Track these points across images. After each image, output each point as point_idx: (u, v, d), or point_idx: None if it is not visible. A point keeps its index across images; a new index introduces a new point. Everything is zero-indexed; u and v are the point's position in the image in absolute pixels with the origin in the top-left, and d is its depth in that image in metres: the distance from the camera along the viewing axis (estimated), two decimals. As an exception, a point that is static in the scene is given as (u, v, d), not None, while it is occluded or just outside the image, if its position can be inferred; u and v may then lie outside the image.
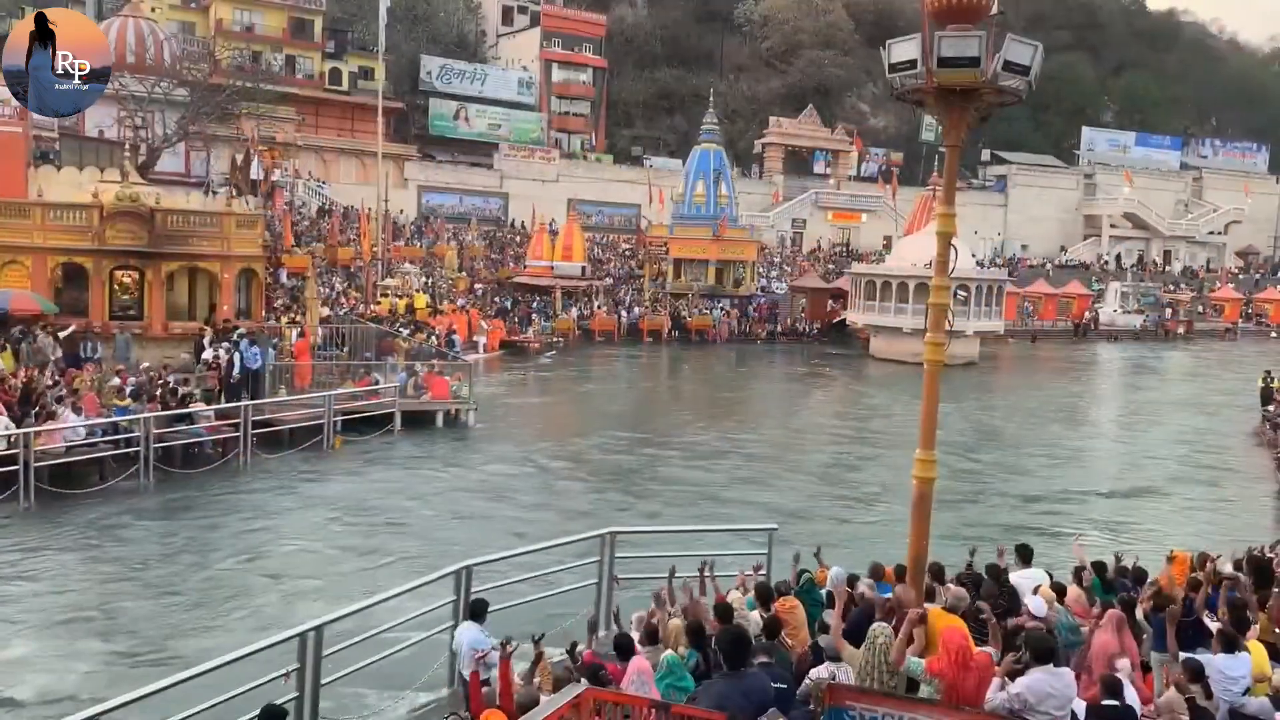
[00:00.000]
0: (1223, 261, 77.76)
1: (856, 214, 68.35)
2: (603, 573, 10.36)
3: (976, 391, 33.77)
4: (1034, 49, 6.81)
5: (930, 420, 7.57)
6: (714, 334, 45.41)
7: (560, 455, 21.58)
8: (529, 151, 60.99)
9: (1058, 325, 57.22)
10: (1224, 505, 19.55)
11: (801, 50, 76.19)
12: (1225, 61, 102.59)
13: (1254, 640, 7.69)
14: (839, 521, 17.07)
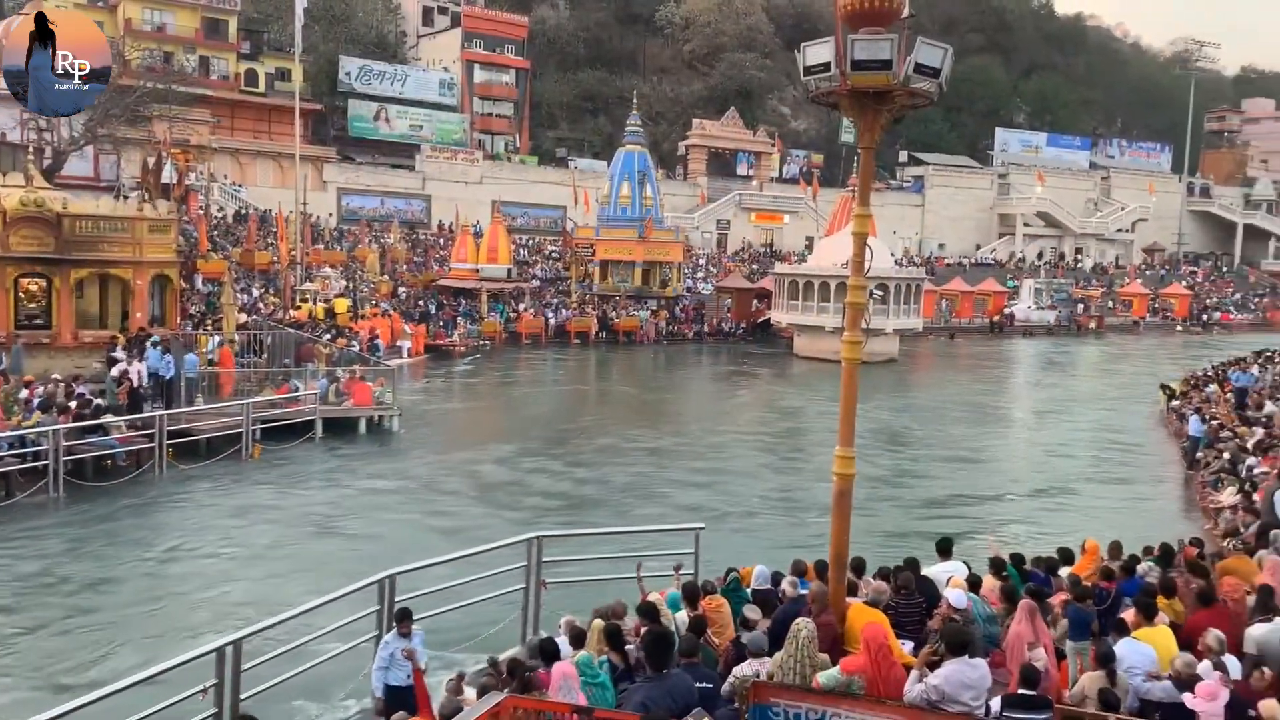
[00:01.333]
0: (1130, 258, 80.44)
1: (779, 215, 69.14)
2: (530, 577, 10.29)
3: (897, 388, 34.41)
4: (944, 52, 6.94)
5: (849, 418, 7.69)
6: (641, 335, 45.52)
7: (486, 460, 21.40)
8: (452, 153, 60.44)
9: (975, 322, 58.58)
10: (1134, 495, 20.17)
11: (723, 53, 76.84)
12: (1129, 65, 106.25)
13: (1162, 625, 7.95)
14: (765, 519, 17.22)
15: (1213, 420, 22.38)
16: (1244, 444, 19.42)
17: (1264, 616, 8.04)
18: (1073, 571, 9.40)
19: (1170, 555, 9.93)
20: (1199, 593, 8.42)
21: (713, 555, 11.13)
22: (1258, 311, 71.86)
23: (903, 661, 6.43)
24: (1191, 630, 7.87)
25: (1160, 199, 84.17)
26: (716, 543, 12.87)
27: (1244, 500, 14.92)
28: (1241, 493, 15.58)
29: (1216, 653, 7.17)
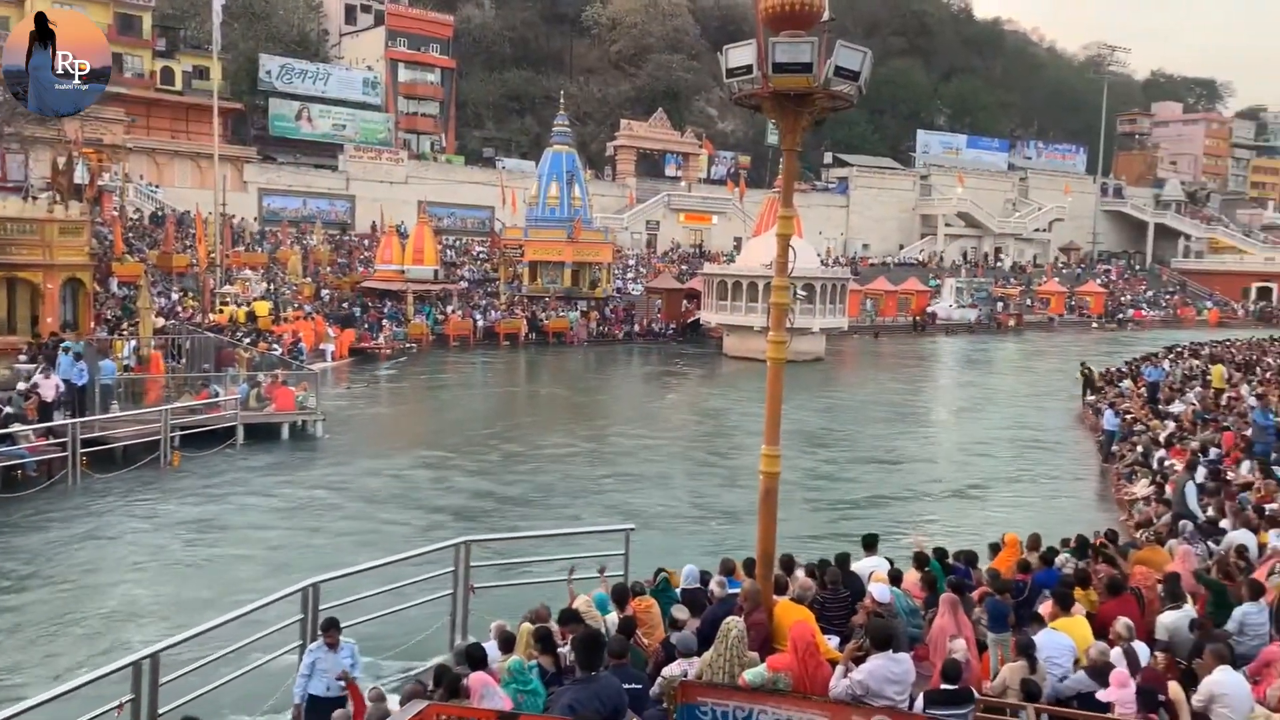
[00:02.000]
0: (1048, 257, 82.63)
1: (708, 215, 69.57)
2: (457, 583, 10.20)
3: (823, 387, 34.86)
4: (863, 55, 7.04)
5: (774, 417, 7.76)
6: (571, 336, 45.42)
7: (413, 465, 21.15)
8: (376, 153, 59.62)
9: (898, 321, 59.63)
10: (1053, 489, 20.71)
11: (650, 54, 77.08)
12: (1045, 68, 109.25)
13: (1079, 615, 8.18)
14: (694, 519, 17.31)
15: (1126, 415, 23.10)
16: (1156, 437, 20.08)
17: (1173, 604, 8.32)
18: (992, 565, 9.62)
19: (1086, 547, 10.22)
20: (1109, 582, 8.68)
21: (643, 556, 11.16)
22: (1168, 308, 74.37)
23: (829, 657, 6.51)
24: (1103, 619, 8.11)
25: (1075, 199, 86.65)
26: (646, 543, 12.90)
27: (1156, 492, 15.41)
28: (1154, 485, 16.09)
29: (1126, 640, 7.39)
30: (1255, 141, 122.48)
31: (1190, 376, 28.60)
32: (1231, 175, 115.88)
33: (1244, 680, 7.06)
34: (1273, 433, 18.14)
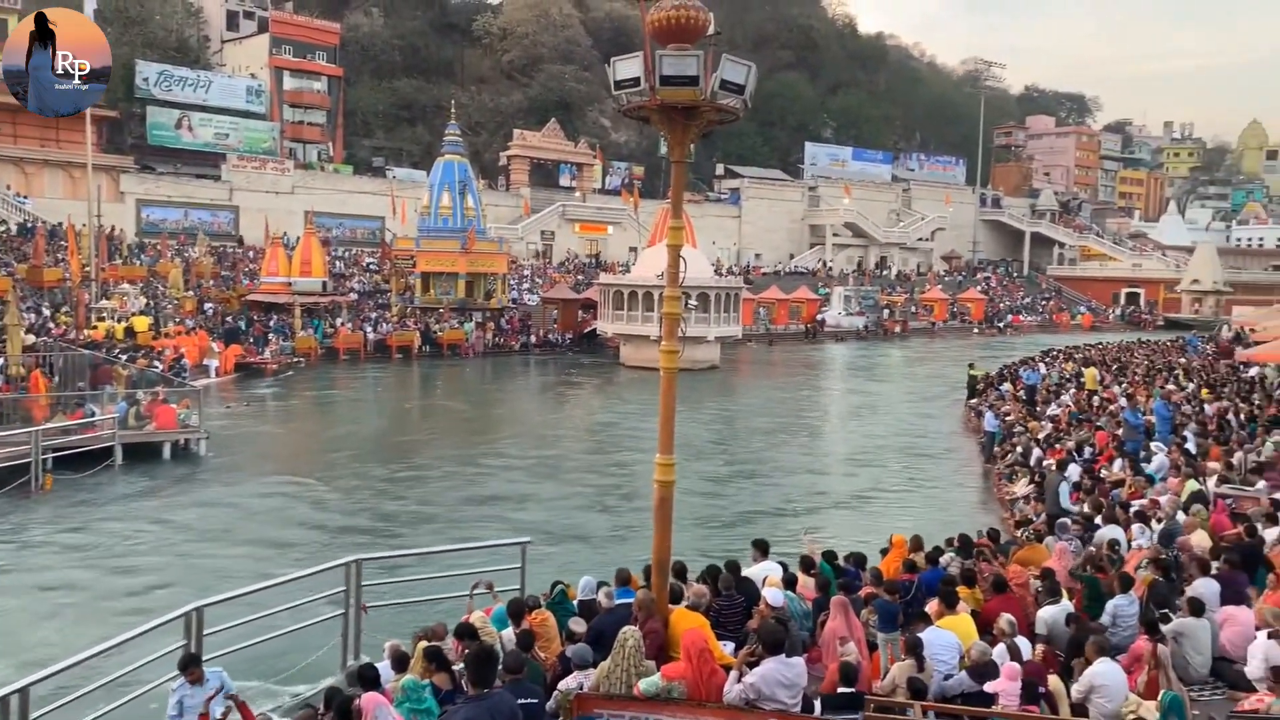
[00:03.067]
0: (931, 265, 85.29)
1: (603, 226, 69.77)
2: (349, 602, 9.95)
3: (718, 395, 35.27)
4: (748, 69, 7.16)
5: (668, 425, 7.81)
6: (466, 348, 44.91)
7: (302, 483, 20.60)
8: (261, 162, 58.01)
9: (790, 328, 60.75)
10: (939, 490, 21.35)
11: (542, 64, 76.99)
12: (926, 83, 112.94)
13: (963, 613, 8.44)
14: (591, 529, 17.29)
15: (1006, 417, 23.97)
16: (1035, 438, 20.89)
17: (1051, 599, 8.67)
18: (879, 565, 9.86)
19: (969, 545, 10.56)
20: (993, 580, 8.99)
21: (540, 569, 11.09)
22: (1044, 314, 77.54)
23: (723, 663, 6.58)
24: (987, 615, 8.39)
25: (956, 209, 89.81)
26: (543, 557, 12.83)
27: (1035, 491, 16.05)
28: (1033, 484, 16.75)
29: (1009, 635, 7.67)
30: (1122, 153, 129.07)
31: (1065, 379, 29.84)
32: (1101, 185, 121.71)
33: (1120, 670, 7.40)
34: (1142, 431, 19.09)
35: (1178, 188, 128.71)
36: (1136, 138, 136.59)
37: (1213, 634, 8.49)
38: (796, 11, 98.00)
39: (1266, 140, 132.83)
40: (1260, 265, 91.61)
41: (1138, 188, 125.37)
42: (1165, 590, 8.95)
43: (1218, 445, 17.25)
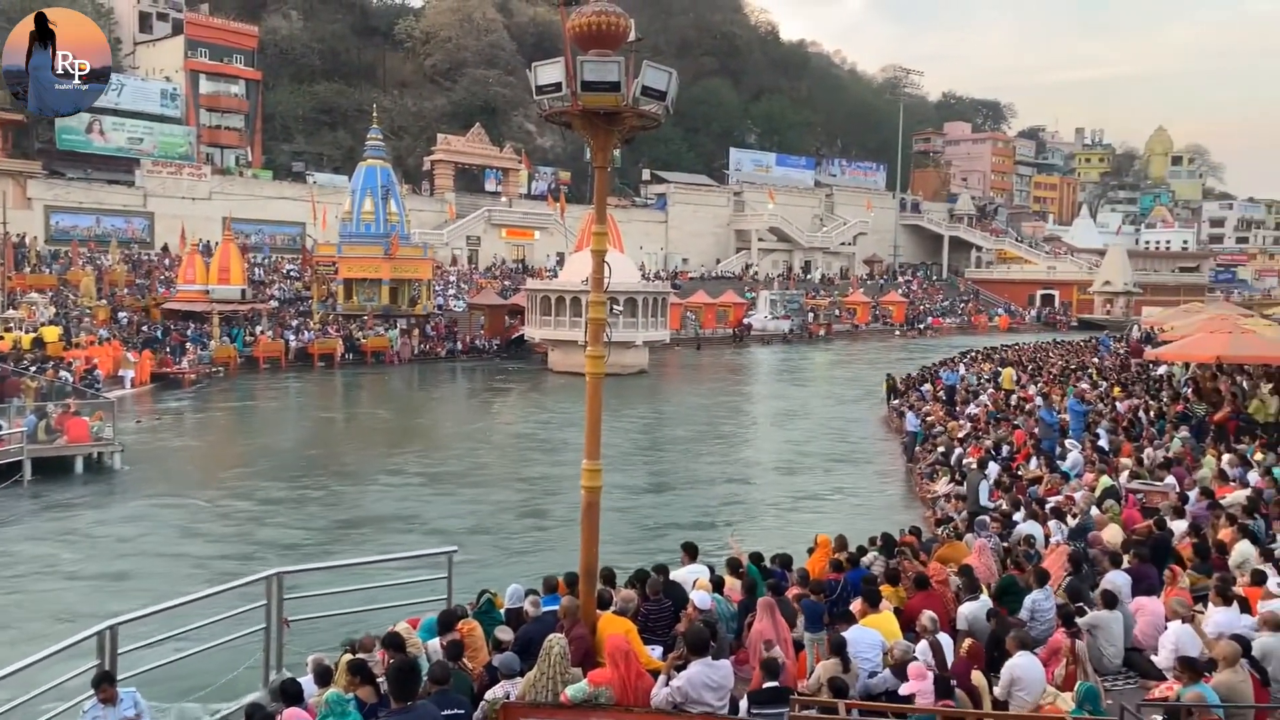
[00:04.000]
0: (853, 269, 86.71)
1: (529, 231, 69.50)
2: (271, 616, 9.74)
3: (647, 399, 35.37)
4: (669, 75, 7.20)
5: (594, 431, 7.81)
6: (391, 355, 44.30)
7: (222, 496, 20.09)
8: (176, 167, 56.56)
9: (718, 332, 61.20)
10: (863, 490, 21.68)
11: (466, 68, 76.43)
12: (847, 89, 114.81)
13: (886, 611, 8.57)
14: (519, 537, 17.19)
15: (927, 417, 24.45)
16: (954, 437, 21.34)
17: (970, 595, 8.85)
18: (804, 566, 9.97)
19: (892, 544, 10.74)
20: (915, 578, 9.15)
21: (466, 578, 10.98)
22: (963, 316, 79.34)
23: (650, 667, 6.59)
24: (910, 613, 8.54)
25: (877, 214, 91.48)
26: (471, 565, 12.72)
27: (955, 489, 16.38)
28: (953, 482, 17.11)
29: (931, 632, 7.81)
30: (1036, 159, 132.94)
31: (983, 380, 30.54)
32: (1016, 190, 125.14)
33: (1038, 663, 7.59)
34: (1058, 429, 19.65)
35: (1089, 192, 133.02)
36: (1049, 144, 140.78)
37: (1125, 625, 8.77)
38: (719, 18, 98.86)
39: (1172, 146, 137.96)
40: (1167, 267, 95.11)
41: (1051, 192, 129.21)
42: (1079, 584, 9.21)
43: (1129, 442, 17.83)
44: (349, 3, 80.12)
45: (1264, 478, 14.18)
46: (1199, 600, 9.13)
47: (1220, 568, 10.10)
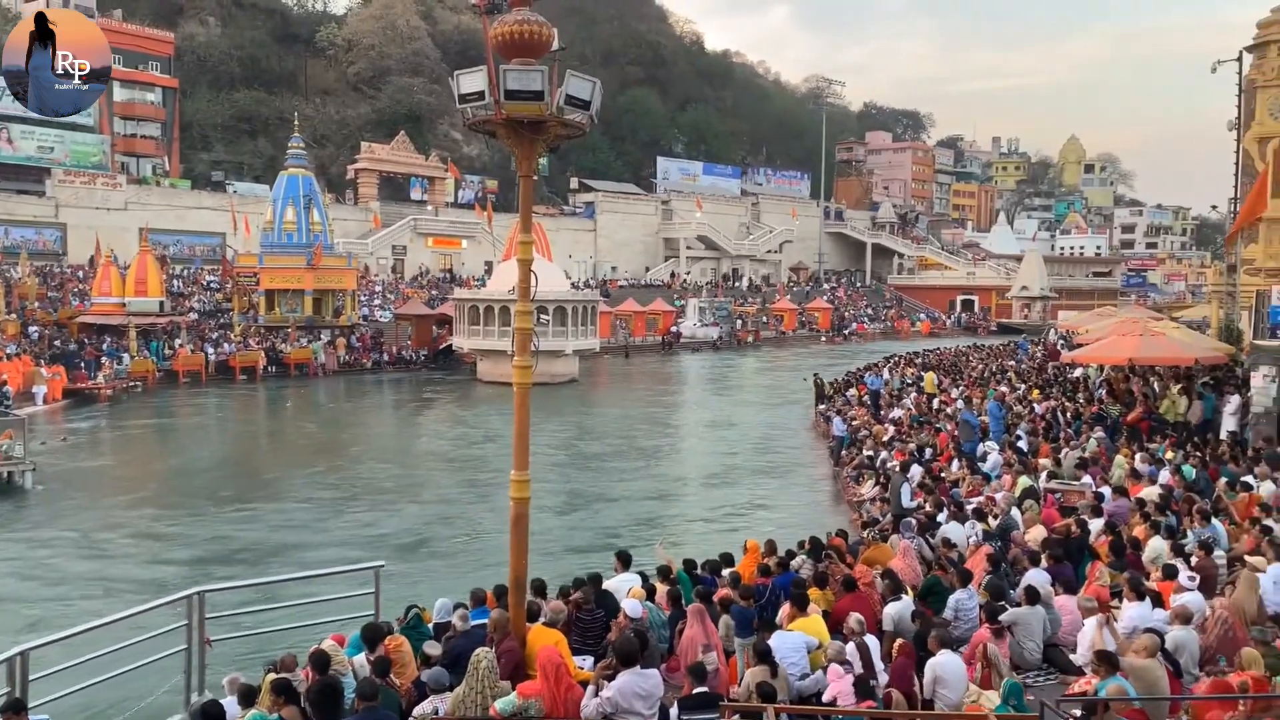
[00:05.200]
0: (780, 276, 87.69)
1: (457, 240, 68.92)
2: (192, 637, 9.48)
3: (577, 408, 35.29)
4: (593, 84, 7.22)
5: (522, 442, 7.78)
6: (315, 368, 43.53)
7: (141, 515, 19.54)
8: (90, 177, 54.87)
9: (648, 340, 61.36)
10: (792, 494, 21.92)
11: (390, 76, 75.63)
12: (772, 99, 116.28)
13: (815, 615, 8.67)
14: (449, 550, 17.02)
15: (853, 421, 24.81)
16: (879, 441, 21.69)
17: (894, 596, 9.00)
18: (734, 570, 10.03)
19: (820, 548, 10.86)
20: (843, 580, 9.28)
21: (395, 593, 10.82)
22: (887, 322, 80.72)
23: (580, 678, 6.57)
24: (838, 615, 8.65)
25: (802, 222, 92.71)
26: (399, 580, 12.55)
27: (881, 492, 16.65)
28: (878, 485, 17.38)
29: (858, 634, 7.92)
30: (954, 168, 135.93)
31: (907, 384, 31.11)
32: (936, 198, 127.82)
33: (961, 662, 7.75)
34: (979, 431, 20.10)
35: (1006, 200, 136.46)
36: (968, 152, 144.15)
37: (1047, 622, 8.99)
38: (645, 28, 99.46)
39: (1084, 155, 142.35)
40: (1082, 272, 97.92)
41: (970, 200, 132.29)
42: (999, 582, 9.42)
43: (1047, 443, 18.31)
44: (268, 9, 78.80)
45: (1174, 475, 14.68)
46: (1115, 596, 9.41)
47: (1135, 564, 10.44)
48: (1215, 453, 16.48)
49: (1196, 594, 8.98)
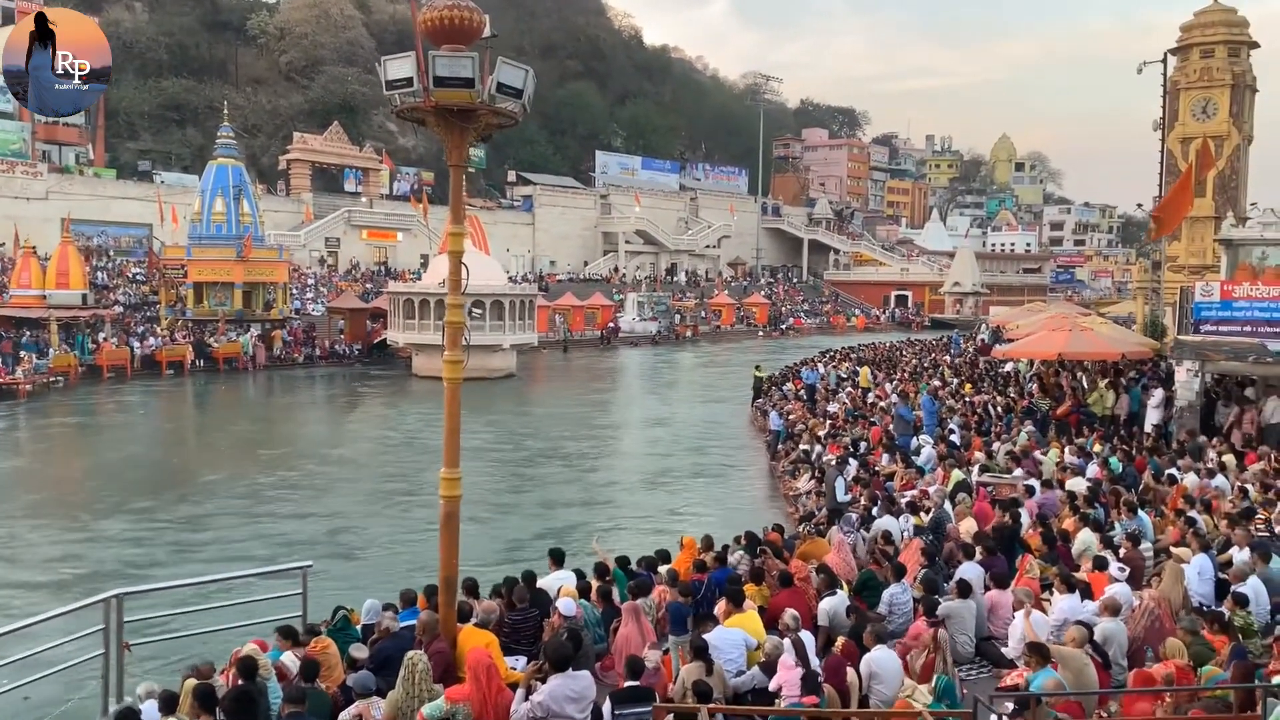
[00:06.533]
0: (718, 271, 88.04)
1: (392, 233, 67.97)
2: (109, 641, 9.12)
3: (514, 404, 35.00)
4: (525, 72, 7.06)
5: (453, 438, 7.61)
6: (245, 362, 42.58)
7: (60, 516, 18.87)
8: (9, 165, 52.94)
9: (586, 334, 61.16)
10: (728, 488, 21.94)
11: (323, 66, 74.27)
12: (709, 95, 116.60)
13: (751, 611, 8.61)
14: (378, 550, 16.70)
15: (789, 416, 24.92)
16: (815, 435, 21.80)
17: (829, 591, 8.99)
18: (670, 567, 9.95)
19: (756, 543, 10.83)
20: (779, 575, 9.24)
21: (322, 594, 10.55)
22: (823, 316, 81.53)
23: (510, 681, 6.42)
24: (774, 611, 8.61)
25: (740, 218, 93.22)
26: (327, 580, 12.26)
27: (817, 486, 16.71)
28: (814, 479, 17.44)
29: (794, 630, 7.88)
30: (889, 165, 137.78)
31: (842, 378, 31.36)
32: (871, 195, 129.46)
33: (895, 657, 7.75)
34: (912, 424, 20.31)
35: (939, 197, 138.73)
36: (902, 150, 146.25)
37: (978, 615, 9.05)
38: (583, 21, 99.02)
39: (1014, 153, 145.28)
40: (1012, 268, 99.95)
41: (904, 197, 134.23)
42: (934, 576, 9.46)
43: (979, 436, 18.56)
44: (197, -5, 76.87)
45: (1101, 468, 14.96)
46: (1045, 588, 9.51)
47: (1065, 556, 10.58)
48: (1141, 445, 16.85)
49: (1124, 585, 9.12)
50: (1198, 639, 7.76)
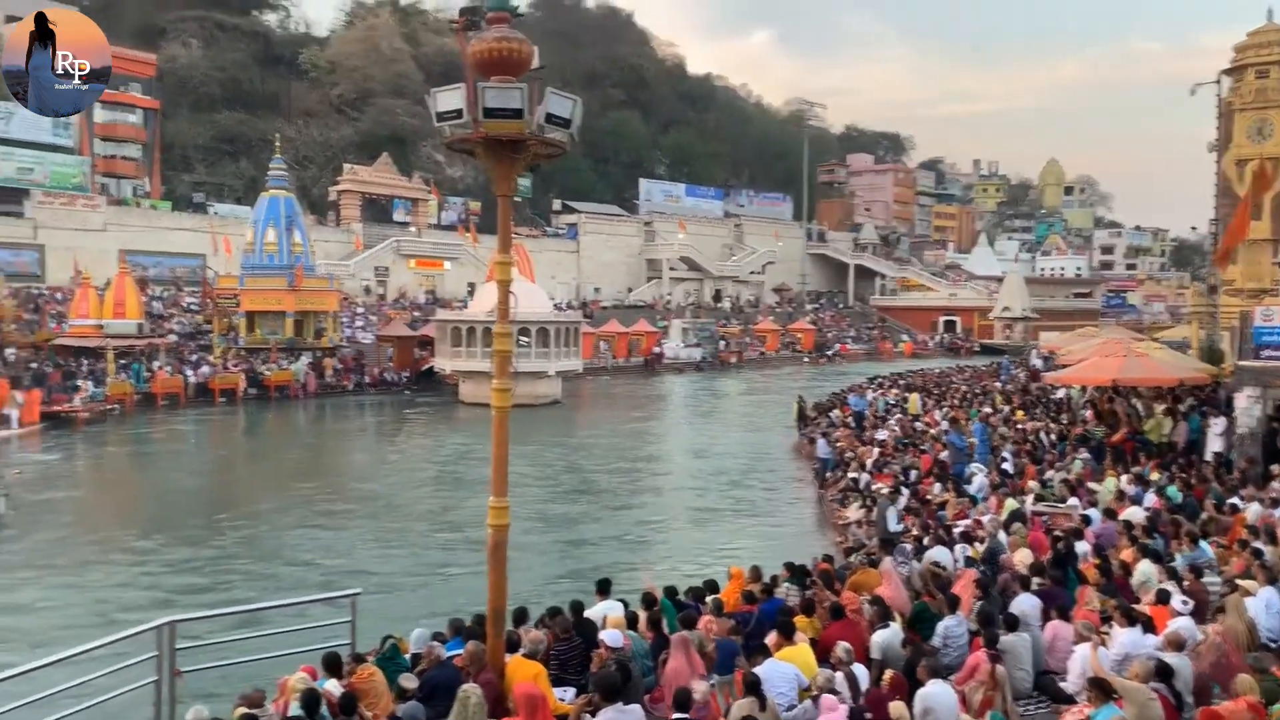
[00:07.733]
0: (763, 297, 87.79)
1: (439, 261, 68.71)
2: (162, 668, 9.20)
3: (560, 431, 35.01)
4: (573, 102, 7.09)
5: (501, 467, 7.59)
6: (296, 389, 43.13)
7: (115, 543, 19.18)
8: (70, 198, 54.45)
9: (631, 361, 61.19)
10: (777, 518, 21.71)
11: (373, 98, 75.63)
12: (753, 121, 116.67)
13: (802, 644, 8.46)
14: (430, 579, 16.74)
15: (837, 443, 24.67)
16: (863, 463, 21.54)
17: (882, 624, 8.82)
18: (718, 598, 9.83)
19: (804, 574, 10.67)
20: (830, 607, 9.08)
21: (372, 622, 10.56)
22: (870, 342, 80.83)
23: (560, 712, 6.36)
24: (826, 643, 8.45)
25: (785, 244, 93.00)
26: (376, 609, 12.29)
27: (867, 515, 16.49)
28: (864, 508, 17.22)
29: (846, 663, 7.73)
30: (936, 189, 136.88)
31: (891, 405, 31.00)
32: (917, 220, 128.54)
33: (951, 690, 7.56)
34: (966, 454, 19.98)
35: (986, 221, 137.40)
36: (948, 175, 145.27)
37: (1035, 648, 8.82)
38: (627, 51, 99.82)
39: (1063, 177, 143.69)
40: (1062, 293, 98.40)
41: (951, 221, 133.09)
42: (989, 608, 9.25)
43: (1032, 464, 18.22)
44: (251, 31, 78.70)
45: (1159, 497, 14.59)
46: (1104, 621, 9.25)
47: (1124, 588, 10.29)
48: (1200, 474, 16.42)
49: (1189, 619, 8.84)
50: (1268, 676, 7.49)
